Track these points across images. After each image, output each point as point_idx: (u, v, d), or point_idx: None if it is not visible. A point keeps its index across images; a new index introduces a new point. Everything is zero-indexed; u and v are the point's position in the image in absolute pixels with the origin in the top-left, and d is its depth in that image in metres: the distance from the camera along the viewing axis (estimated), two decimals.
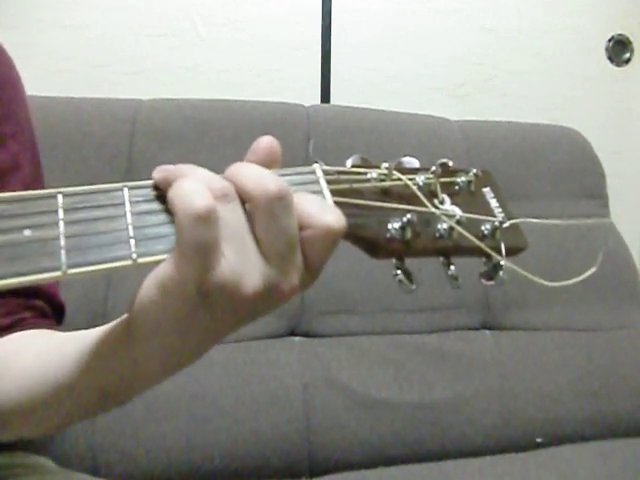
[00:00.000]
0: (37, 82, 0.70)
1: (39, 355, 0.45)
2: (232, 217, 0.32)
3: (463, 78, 1.59)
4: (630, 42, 1.66)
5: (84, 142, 1.08)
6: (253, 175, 0.33)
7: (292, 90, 1.48)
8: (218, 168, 0.34)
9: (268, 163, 0.35)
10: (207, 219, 0.30)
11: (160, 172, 0.34)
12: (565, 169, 1.28)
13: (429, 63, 1.56)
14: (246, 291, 0.31)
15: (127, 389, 0.38)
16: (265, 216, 0.32)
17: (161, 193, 0.34)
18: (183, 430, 0.94)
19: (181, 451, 0.93)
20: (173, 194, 0.31)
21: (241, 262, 0.31)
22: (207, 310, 0.32)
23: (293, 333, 1.08)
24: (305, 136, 1.17)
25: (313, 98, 1.50)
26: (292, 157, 0.37)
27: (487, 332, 1.15)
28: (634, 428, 1.10)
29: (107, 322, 0.38)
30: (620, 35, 1.66)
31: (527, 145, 1.29)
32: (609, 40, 1.66)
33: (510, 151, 1.27)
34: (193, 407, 0.96)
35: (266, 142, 0.36)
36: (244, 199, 0.33)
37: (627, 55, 1.67)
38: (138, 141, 1.10)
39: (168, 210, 0.32)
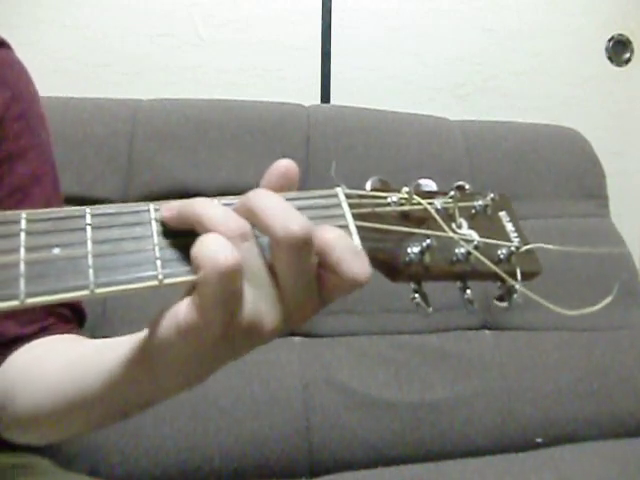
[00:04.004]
0: (37, 82, 0.70)
1: (64, 364, 0.46)
2: (249, 256, 0.32)
3: (463, 78, 1.59)
4: (630, 42, 1.66)
5: (84, 142, 1.08)
6: (278, 213, 0.32)
7: (292, 90, 1.48)
8: (218, 168, 0.34)
9: (285, 188, 0.36)
10: (233, 274, 0.30)
11: (169, 211, 0.33)
12: (565, 169, 1.28)
13: (429, 63, 1.56)
14: (267, 329, 0.33)
15: (147, 400, 0.39)
16: (286, 256, 0.32)
17: None
18: (183, 430, 0.94)
19: (181, 451, 0.93)
20: (197, 251, 0.31)
21: (261, 300, 0.32)
22: (228, 347, 0.33)
23: (293, 333, 1.08)
24: (305, 136, 1.17)
25: (313, 98, 1.50)
26: (292, 157, 0.37)
27: (487, 332, 1.15)
28: (634, 428, 1.09)
29: (107, 322, 0.38)
30: (620, 35, 1.66)
31: (527, 145, 1.29)
32: (609, 40, 1.65)
33: (510, 151, 1.27)
34: (193, 407, 0.96)
35: (283, 167, 0.36)
36: (264, 232, 0.33)
37: (627, 55, 1.67)
38: (138, 141, 1.10)
39: (193, 231, 0.32)
